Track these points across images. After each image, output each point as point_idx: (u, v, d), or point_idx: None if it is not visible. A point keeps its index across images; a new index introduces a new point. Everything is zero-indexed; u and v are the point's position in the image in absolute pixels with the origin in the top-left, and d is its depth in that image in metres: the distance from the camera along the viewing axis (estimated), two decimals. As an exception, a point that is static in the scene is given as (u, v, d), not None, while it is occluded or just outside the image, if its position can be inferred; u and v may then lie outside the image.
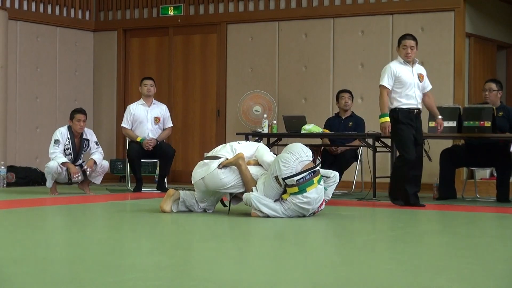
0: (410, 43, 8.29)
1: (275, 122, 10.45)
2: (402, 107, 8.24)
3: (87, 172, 9.60)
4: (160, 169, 10.39)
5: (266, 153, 7.15)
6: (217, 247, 5.21)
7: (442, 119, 8.56)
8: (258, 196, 6.79)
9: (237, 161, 7.03)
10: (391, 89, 8.29)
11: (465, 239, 5.77)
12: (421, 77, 8.34)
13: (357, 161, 10.22)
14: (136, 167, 10.22)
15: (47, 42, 12.37)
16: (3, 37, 11.24)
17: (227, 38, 12.16)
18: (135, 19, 12.87)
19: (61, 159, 9.50)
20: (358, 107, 10.85)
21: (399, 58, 8.34)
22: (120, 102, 12.88)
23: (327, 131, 9.94)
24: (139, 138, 10.25)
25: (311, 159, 6.86)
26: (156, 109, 10.51)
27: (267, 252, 5.04)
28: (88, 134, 9.84)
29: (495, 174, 9.55)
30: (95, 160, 9.66)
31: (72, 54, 12.73)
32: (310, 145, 8.09)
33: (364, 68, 11.18)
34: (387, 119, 8.27)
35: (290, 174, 6.66)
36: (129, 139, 10.46)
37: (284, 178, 6.67)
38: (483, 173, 10.73)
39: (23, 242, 5.31)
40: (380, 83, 8.33)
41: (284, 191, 6.79)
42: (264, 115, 10.72)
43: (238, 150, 7.16)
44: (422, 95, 8.40)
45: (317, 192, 6.77)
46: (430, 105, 8.53)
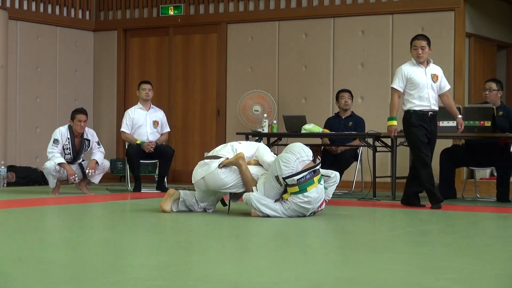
0: (421, 44, 8.09)
1: (275, 122, 10.45)
2: (415, 109, 8.06)
3: (89, 174, 9.60)
4: (160, 169, 10.39)
5: (267, 153, 7.15)
6: (217, 247, 5.21)
7: (462, 119, 8.37)
8: (258, 197, 6.79)
9: (238, 161, 7.03)
10: (404, 91, 8.14)
11: (465, 239, 5.77)
12: (435, 78, 8.12)
13: (357, 161, 10.23)
14: (135, 166, 10.22)
15: (47, 42, 12.37)
16: (3, 37, 11.24)
17: (227, 38, 12.16)
18: (135, 19, 12.87)
19: (58, 159, 9.50)
20: (358, 107, 10.85)
21: (412, 60, 8.15)
22: (120, 102, 12.88)
23: (327, 131, 9.94)
24: (139, 141, 10.25)
25: (312, 159, 6.86)
26: (155, 114, 10.53)
27: (267, 252, 5.04)
28: (89, 135, 9.83)
29: (495, 174, 9.56)
30: (97, 161, 9.67)
31: (72, 54, 12.73)
32: (310, 145, 8.08)
33: (364, 68, 11.18)
34: (394, 123, 8.17)
35: (291, 174, 6.66)
36: (129, 143, 10.47)
37: (285, 178, 6.67)
38: (483, 173, 10.73)
39: (23, 242, 5.30)
40: (391, 86, 8.20)
41: (285, 191, 6.79)
42: (264, 115, 10.72)
43: (239, 150, 7.16)
44: (441, 96, 8.20)
45: (318, 192, 6.77)
46: (449, 105, 8.30)
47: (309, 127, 9.76)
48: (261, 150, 7.21)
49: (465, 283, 3.89)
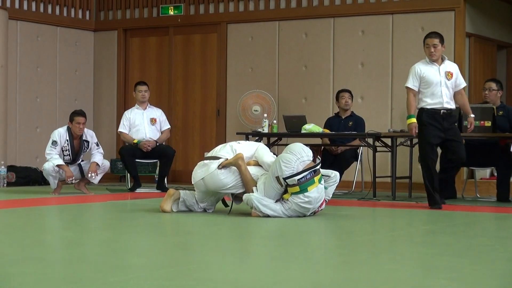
0: (433, 41, 8.03)
1: (275, 122, 10.45)
2: (427, 108, 8.01)
3: (93, 177, 9.59)
4: (160, 169, 10.39)
5: (266, 154, 7.15)
6: (217, 247, 5.22)
7: (474, 118, 8.31)
8: (259, 197, 6.79)
9: (237, 162, 7.03)
10: (419, 90, 8.08)
11: (465, 239, 5.77)
12: (449, 75, 8.04)
13: (357, 161, 10.23)
14: (129, 165, 10.18)
15: (47, 42, 12.37)
16: (3, 37, 11.24)
17: (227, 38, 12.16)
18: (135, 19, 12.87)
19: (57, 161, 9.50)
20: (358, 107, 10.85)
21: (426, 58, 8.11)
22: (120, 102, 12.88)
23: (327, 131, 9.94)
24: (136, 140, 10.25)
25: (312, 159, 6.87)
26: (152, 112, 10.54)
27: (267, 252, 5.04)
28: (88, 136, 9.83)
29: (495, 174, 9.55)
30: (97, 163, 9.67)
31: (72, 54, 12.73)
32: (310, 145, 8.08)
33: (364, 68, 11.18)
34: (413, 120, 8.05)
35: (291, 174, 6.66)
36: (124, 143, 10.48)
37: (285, 178, 6.67)
38: (483, 173, 10.73)
39: (23, 242, 5.31)
40: (405, 85, 8.15)
41: (285, 191, 6.79)
42: (265, 115, 10.72)
43: (238, 150, 7.15)
44: (455, 93, 8.12)
45: (318, 191, 6.78)
46: (462, 103, 8.25)
47: (309, 127, 9.76)
48: (261, 151, 7.21)
49: (465, 283, 3.89)
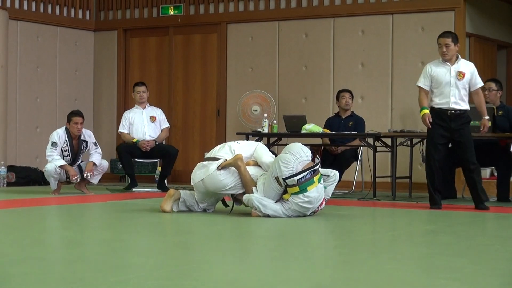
0: (445, 41, 7.93)
1: (275, 122, 10.45)
2: (434, 107, 8.00)
3: (88, 177, 9.59)
4: (162, 169, 10.38)
5: (265, 154, 7.14)
6: (217, 247, 5.22)
7: (488, 120, 8.26)
8: (259, 197, 6.79)
9: (236, 162, 7.03)
10: (431, 90, 8.03)
11: (465, 239, 5.77)
12: (460, 75, 7.95)
13: (357, 161, 10.23)
14: (125, 162, 10.17)
15: (48, 42, 12.37)
16: (3, 37, 11.24)
17: (227, 38, 12.16)
18: (135, 19, 12.87)
19: (59, 162, 9.50)
20: (358, 107, 10.85)
21: (440, 58, 8.07)
22: (120, 102, 12.88)
23: (327, 131, 9.94)
24: (135, 140, 10.26)
25: (311, 159, 6.87)
26: (151, 110, 10.56)
27: (267, 252, 5.04)
28: (87, 136, 9.83)
29: (495, 174, 9.55)
30: (94, 162, 9.66)
31: (72, 54, 12.73)
32: (310, 145, 8.09)
33: (364, 68, 11.18)
34: (426, 111, 7.97)
35: (291, 174, 6.66)
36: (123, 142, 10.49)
37: (285, 178, 6.67)
38: (483, 173, 10.70)
39: (23, 242, 5.31)
40: (417, 84, 8.13)
41: (285, 192, 6.79)
42: (265, 115, 10.72)
43: (237, 151, 7.14)
44: (472, 93, 8.06)
45: (318, 191, 6.78)
46: (477, 104, 8.18)
47: (309, 127, 9.76)
48: (259, 151, 7.20)
49: (465, 283, 3.89)
